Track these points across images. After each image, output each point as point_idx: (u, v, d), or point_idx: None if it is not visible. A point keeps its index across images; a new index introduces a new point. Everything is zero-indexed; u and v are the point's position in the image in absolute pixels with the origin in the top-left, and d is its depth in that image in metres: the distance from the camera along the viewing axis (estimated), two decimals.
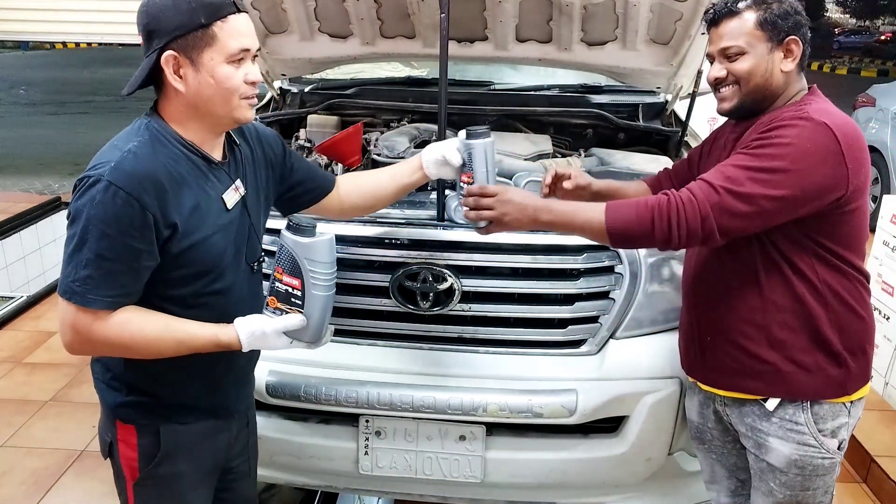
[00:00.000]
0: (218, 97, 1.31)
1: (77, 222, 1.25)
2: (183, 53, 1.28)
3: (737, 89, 1.52)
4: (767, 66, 1.49)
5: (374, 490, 2.09)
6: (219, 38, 1.28)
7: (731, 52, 1.50)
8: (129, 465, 1.46)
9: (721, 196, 1.39)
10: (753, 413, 1.60)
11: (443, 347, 1.95)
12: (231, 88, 1.31)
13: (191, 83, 1.30)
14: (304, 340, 1.42)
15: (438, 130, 1.94)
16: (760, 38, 1.48)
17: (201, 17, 1.27)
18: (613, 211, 1.46)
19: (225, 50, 1.29)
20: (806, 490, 1.59)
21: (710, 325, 1.62)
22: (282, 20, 2.71)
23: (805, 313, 1.50)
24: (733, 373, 1.59)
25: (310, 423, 1.99)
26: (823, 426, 1.54)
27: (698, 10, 2.29)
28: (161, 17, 1.27)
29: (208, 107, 1.32)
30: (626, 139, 2.79)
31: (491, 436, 1.93)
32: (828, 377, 1.52)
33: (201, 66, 1.28)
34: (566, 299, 1.92)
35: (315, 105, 2.86)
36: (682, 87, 2.68)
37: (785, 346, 1.52)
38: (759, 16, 1.47)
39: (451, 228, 1.93)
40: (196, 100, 1.31)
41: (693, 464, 2.03)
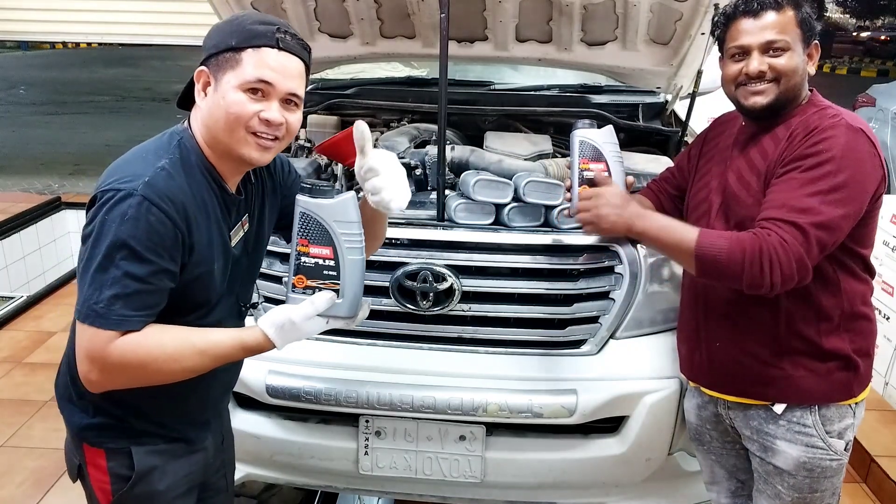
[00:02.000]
0: (223, 121, 1.26)
1: (102, 238, 1.16)
2: (212, 72, 1.27)
3: (775, 86, 1.47)
4: (803, 66, 1.47)
5: (374, 490, 2.09)
6: (243, 63, 1.25)
7: (778, 46, 1.44)
8: (101, 488, 1.38)
9: (808, 234, 1.36)
10: (759, 416, 1.59)
11: (443, 347, 1.95)
12: (236, 115, 1.25)
13: (208, 101, 1.28)
14: (342, 316, 1.26)
15: (438, 130, 1.94)
16: (799, 36, 1.45)
17: (233, 40, 1.25)
18: (705, 237, 1.43)
19: (242, 75, 1.25)
20: (814, 492, 1.58)
21: (720, 333, 1.60)
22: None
23: (821, 320, 1.49)
24: (742, 379, 1.59)
25: (310, 423, 1.99)
26: (831, 428, 1.54)
27: (698, 10, 2.29)
28: (210, 36, 1.30)
29: (216, 129, 1.28)
30: (626, 139, 2.78)
31: (491, 436, 1.93)
32: (837, 381, 1.52)
33: (219, 86, 1.26)
34: (566, 299, 1.92)
35: (315, 105, 2.86)
36: (682, 87, 2.68)
37: (798, 353, 1.52)
38: (797, 14, 1.44)
39: (451, 228, 1.93)
40: (208, 119, 1.28)
41: (693, 464, 2.03)
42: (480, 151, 2.36)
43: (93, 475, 1.39)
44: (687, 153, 1.77)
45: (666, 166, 2.37)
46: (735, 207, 1.53)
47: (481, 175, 1.98)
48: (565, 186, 1.66)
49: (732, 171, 1.56)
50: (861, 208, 1.41)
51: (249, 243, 1.44)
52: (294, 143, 2.78)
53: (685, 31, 2.43)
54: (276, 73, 1.26)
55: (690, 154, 1.75)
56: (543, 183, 1.97)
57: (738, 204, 1.52)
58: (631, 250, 1.91)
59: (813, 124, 1.44)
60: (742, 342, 1.56)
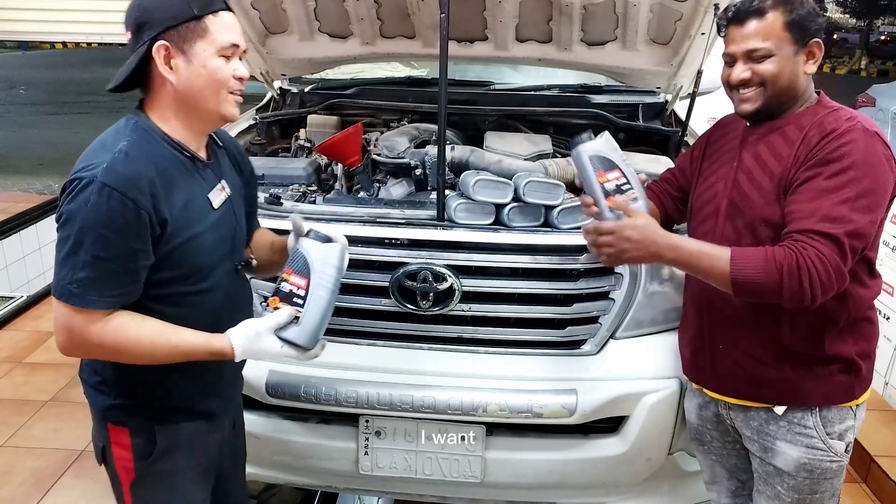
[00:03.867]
0: (209, 89, 1.32)
1: (70, 224, 1.23)
2: (175, 44, 1.29)
3: (761, 91, 1.48)
4: (793, 68, 1.45)
5: (374, 490, 2.09)
6: (211, 31, 1.30)
7: (759, 55, 1.45)
8: (124, 466, 1.44)
9: (843, 244, 1.35)
10: (760, 417, 1.59)
11: (443, 347, 1.95)
12: (221, 80, 1.32)
13: (182, 74, 1.30)
14: (298, 343, 1.37)
15: (438, 130, 1.94)
16: (787, 39, 1.44)
17: (194, 8, 1.29)
18: (738, 260, 1.40)
19: (217, 42, 1.31)
20: (814, 493, 1.58)
21: (724, 335, 1.60)
22: (282, 20, 2.71)
23: (826, 325, 1.48)
24: (744, 381, 1.58)
25: (310, 423, 1.99)
26: (831, 429, 1.54)
27: (698, 10, 2.29)
28: (154, 9, 1.29)
29: (198, 99, 1.32)
30: (626, 139, 2.79)
31: (491, 436, 1.93)
32: (839, 383, 1.52)
33: (193, 56, 1.29)
34: (566, 299, 1.92)
35: (315, 105, 2.86)
36: (682, 87, 2.68)
37: (801, 357, 1.51)
38: (786, 17, 1.43)
39: (451, 228, 1.93)
40: (187, 92, 1.31)
41: (693, 464, 2.03)
42: (480, 151, 2.36)
43: (116, 454, 1.44)
44: (689, 154, 1.76)
45: (666, 166, 2.38)
46: (744, 208, 1.52)
47: (481, 175, 1.98)
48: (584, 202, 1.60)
49: (742, 171, 1.54)
50: (883, 212, 1.41)
51: (235, 206, 1.50)
52: (294, 143, 2.79)
53: (685, 31, 2.43)
54: (237, 34, 1.35)
55: (693, 156, 1.74)
56: (543, 183, 1.97)
57: (747, 205, 1.51)
58: None
59: (829, 127, 1.42)
60: (745, 345, 1.56)
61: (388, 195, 2.34)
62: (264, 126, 2.84)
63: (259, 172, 2.38)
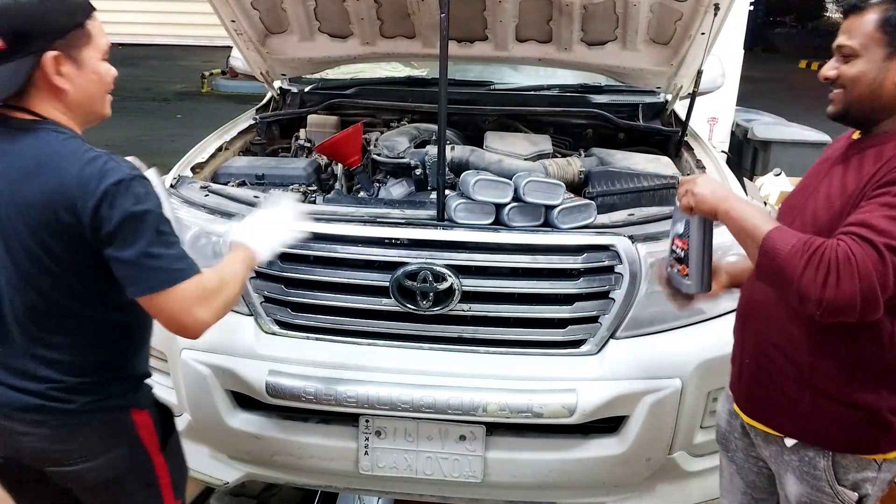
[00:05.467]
0: (99, 94, 1.37)
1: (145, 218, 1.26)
2: (65, 53, 1.29)
3: (842, 94, 1.36)
4: (877, 75, 1.29)
5: (374, 490, 2.09)
6: (94, 36, 1.33)
7: (845, 53, 1.33)
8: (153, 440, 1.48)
9: (884, 256, 1.17)
10: (777, 442, 1.50)
11: (443, 347, 1.95)
12: (109, 83, 1.38)
13: (76, 81, 1.31)
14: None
15: (438, 130, 1.94)
16: (879, 41, 1.28)
17: (80, 16, 1.31)
18: (777, 230, 1.27)
19: (100, 46, 1.35)
20: None
21: (753, 351, 1.51)
22: (282, 20, 2.71)
23: (857, 367, 1.36)
24: (762, 403, 1.51)
25: (310, 423, 1.99)
26: (845, 477, 1.41)
27: (698, 10, 2.29)
28: (38, 19, 1.27)
29: (90, 103, 1.36)
30: (627, 139, 2.79)
31: (491, 436, 1.93)
32: (859, 434, 1.39)
33: (83, 63, 1.32)
34: (566, 299, 1.92)
35: (315, 105, 2.87)
36: (682, 87, 2.68)
37: (821, 395, 1.40)
38: (882, 15, 1.27)
39: (451, 228, 1.93)
40: (81, 97, 1.33)
41: (693, 464, 2.03)
42: (480, 151, 2.37)
43: (145, 438, 1.46)
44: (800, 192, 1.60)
45: (666, 166, 2.38)
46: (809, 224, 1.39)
47: (481, 175, 1.98)
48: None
49: (823, 187, 1.42)
50: None
51: None
52: (294, 143, 2.79)
53: (685, 31, 2.43)
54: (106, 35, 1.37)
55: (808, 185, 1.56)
56: (543, 183, 1.98)
57: (814, 221, 1.39)
58: (631, 250, 1.91)
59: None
60: (769, 366, 1.46)
61: (388, 195, 2.34)
62: (264, 126, 2.84)
63: (259, 172, 2.39)
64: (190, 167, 2.37)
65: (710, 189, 1.42)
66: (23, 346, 1.35)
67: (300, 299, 1.96)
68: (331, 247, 1.93)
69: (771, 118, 6.63)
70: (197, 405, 2.01)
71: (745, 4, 5.76)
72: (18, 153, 1.29)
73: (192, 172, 2.35)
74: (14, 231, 1.28)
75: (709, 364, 1.91)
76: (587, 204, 2.01)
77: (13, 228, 1.28)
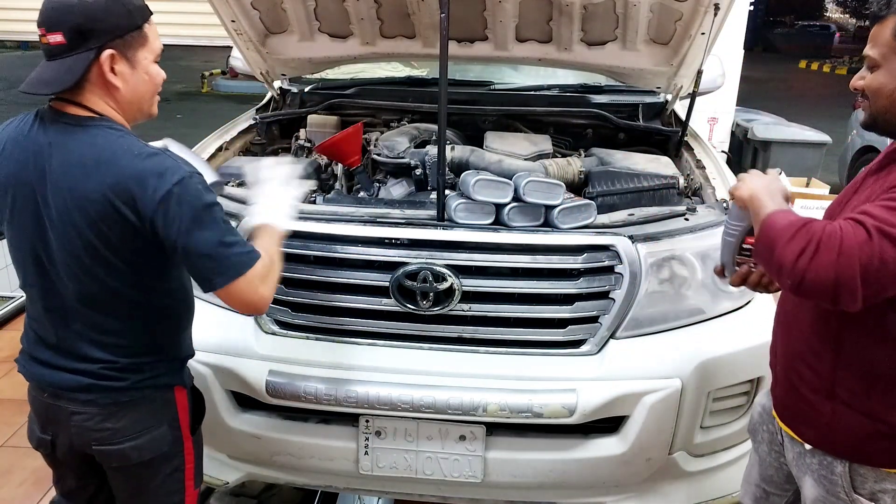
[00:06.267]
0: (149, 93, 1.45)
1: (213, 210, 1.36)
2: (120, 52, 1.37)
3: (868, 104, 1.34)
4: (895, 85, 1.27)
5: (374, 490, 2.09)
6: (150, 39, 1.42)
7: (870, 64, 1.31)
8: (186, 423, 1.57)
9: (872, 236, 1.13)
10: (800, 446, 1.50)
11: (443, 347, 1.95)
12: (159, 84, 1.46)
13: (129, 80, 1.39)
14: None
15: (438, 130, 1.94)
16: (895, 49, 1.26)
17: (139, 19, 1.39)
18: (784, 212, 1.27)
19: (154, 49, 1.43)
20: None
21: (783, 358, 1.52)
22: (282, 20, 2.71)
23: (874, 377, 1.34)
24: (790, 409, 1.51)
25: (310, 423, 1.99)
26: (862, 486, 1.40)
27: (698, 10, 2.29)
28: (101, 19, 1.34)
29: (140, 102, 1.44)
30: (627, 139, 2.79)
31: (491, 436, 1.93)
32: (877, 447, 1.38)
33: (137, 63, 1.40)
34: (566, 299, 1.92)
35: (315, 105, 2.87)
36: (682, 87, 2.68)
37: (843, 405, 1.39)
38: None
39: (451, 228, 1.93)
40: (132, 96, 1.41)
41: (693, 464, 2.03)
42: (480, 151, 2.37)
43: (182, 418, 1.56)
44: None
45: (666, 166, 2.38)
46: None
47: (481, 175, 1.98)
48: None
49: (856, 196, 1.40)
50: None
51: None
52: (294, 143, 2.79)
53: (685, 31, 2.43)
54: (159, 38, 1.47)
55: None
56: (543, 183, 1.97)
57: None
58: (631, 250, 1.91)
59: None
60: (794, 375, 1.46)
61: (388, 195, 2.34)
62: (264, 126, 2.84)
63: None
64: None
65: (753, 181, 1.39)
66: (78, 331, 1.44)
67: (300, 299, 1.96)
68: (331, 247, 1.93)
69: (771, 118, 6.63)
70: None
71: (745, 4, 5.76)
72: (75, 148, 1.35)
73: None
74: (71, 222, 1.35)
75: (709, 364, 1.92)
76: (587, 204, 2.01)
77: (70, 220, 1.35)
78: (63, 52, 1.33)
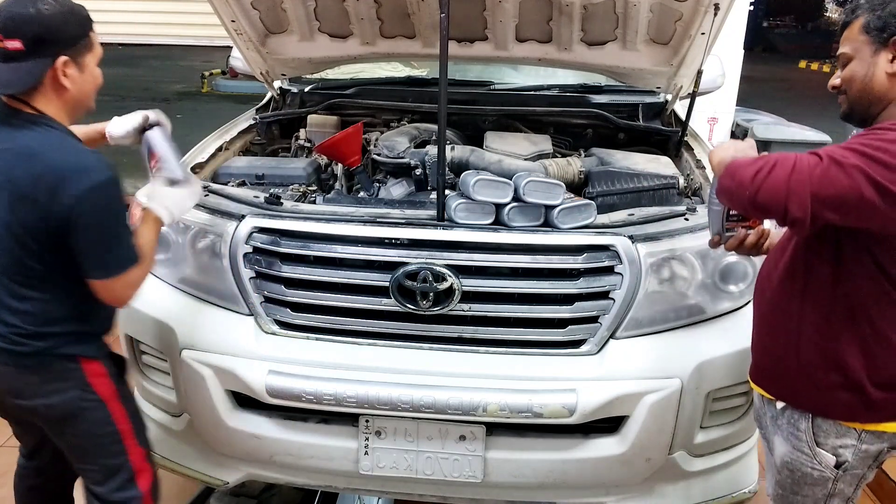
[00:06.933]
0: (93, 92, 1.66)
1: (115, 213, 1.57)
2: (72, 58, 1.56)
3: (845, 97, 1.49)
4: (867, 70, 1.44)
5: (375, 490, 2.09)
6: (94, 45, 1.63)
7: (843, 60, 1.48)
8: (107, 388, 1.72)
9: (823, 159, 1.29)
10: (773, 409, 1.62)
11: (443, 347, 1.95)
12: (100, 83, 1.66)
13: (77, 82, 1.59)
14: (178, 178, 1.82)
15: (438, 130, 1.94)
16: (865, 41, 1.44)
17: (87, 28, 1.60)
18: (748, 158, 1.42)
19: (97, 54, 1.65)
20: (795, 494, 1.60)
21: (757, 316, 1.65)
22: (282, 20, 2.71)
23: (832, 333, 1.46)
24: (762, 368, 1.64)
25: (310, 423, 1.99)
26: (824, 441, 1.52)
27: (698, 10, 2.29)
28: (57, 29, 1.52)
29: (85, 101, 1.65)
30: (626, 139, 2.79)
31: (491, 436, 1.93)
32: (837, 399, 1.49)
33: (85, 67, 1.60)
34: (566, 299, 1.92)
35: (315, 105, 2.87)
36: (682, 87, 2.68)
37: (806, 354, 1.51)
38: (863, 20, 1.44)
39: (451, 228, 1.93)
40: (79, 95, 1.61)
41: (693, 464, 2.03)
42: (480, 151, 2.37)
43: (97, 385, 1.70)
44: None
45: (666, 166, 2.38)
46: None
47: (481, 175, 1.98)
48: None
49: None
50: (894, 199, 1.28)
51: None
52: (294, 143, 2.79)
53: (685, 31, 2.43)
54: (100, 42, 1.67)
55: None
56: (543, 183, 1.97)
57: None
58: (631, 250, 1.91)
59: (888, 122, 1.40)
60: (766, 328, 1.60)
61: (388, 195, 2.34)
62: (264, 126, 2.84)
63: (259, 172, 2.39)
64: (190, 167, 2.37)
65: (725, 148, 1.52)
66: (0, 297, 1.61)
67: (300, 299, 1.96)
68: (331, 247, 1.93)
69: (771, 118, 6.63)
70: (197, 405, 2.02)
71: (745, 4, 5.76)
72: (20, 140, 1.54)
73: (193, 172, 2.35)
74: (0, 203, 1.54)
75: (708, 364, 1.92)
76: (587, 204, 2.01)
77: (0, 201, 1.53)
78: (20, 58, 1.50)
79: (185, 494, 2.52)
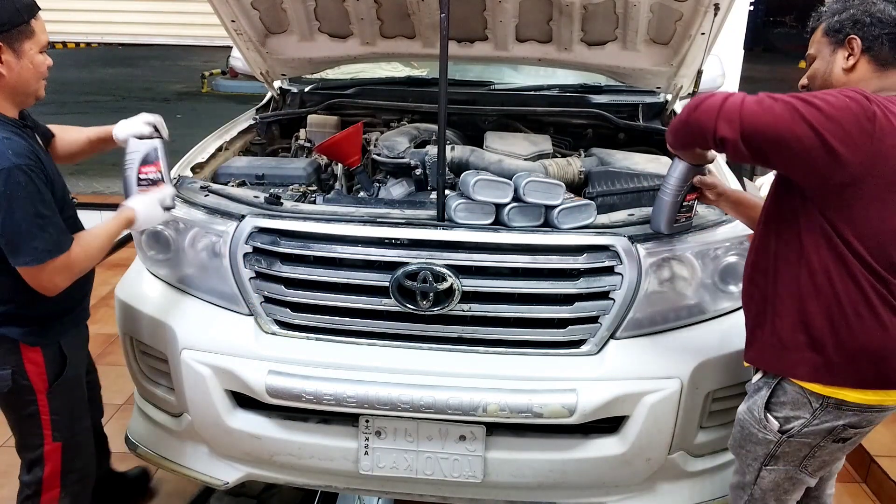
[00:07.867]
0: (34, 80, 1.70)
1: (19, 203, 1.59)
2: (7, 44, 1.61)
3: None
4: (827, 67, 1.62)
5: (375, 490, 2.09)
6: (36, 32, 1.66)
7: (809, 61, 1.66)
8: (40, 378, 1.80)
9: (759, 95, 1.44)
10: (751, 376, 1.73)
11: (443, 347, 1.95)
12: (43, 72, 1.71)
13: (14, 69, 1.64)
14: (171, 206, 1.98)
15: (438, 130, 1.94)
16: (825, 43, 1.62)
17: (25, 15, 1.63)
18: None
19: (40, 42, 1.68)
20: (740, 448, 1.72)
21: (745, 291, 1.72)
22: (282, 20, 2.71)
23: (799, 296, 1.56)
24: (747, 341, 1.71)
25: (310, 423, 1.99)
26: (777, 409, 1.62)
27: (698, 10, 2.29)
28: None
29: (25, 87, 1.70)
30: (626, 139, 2.79)
31: (491, 436, 1.93)
32: (801, 359, 1.57)
33: (23, 54, 1.65)
34: (566, 299, 1.92)
35: (315, 105, 2.87)
36: (682, 87, 2.68)
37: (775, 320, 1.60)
38: (826, 24, 1.62)
39: (451, 228, 1.93)
40: (17, 82, 1.67)
41: (693, 464, 2.03)
42: (480, 151, 2.37)
43: (30, 371, 1.78)
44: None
45: (666, 166, 2.38)
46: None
47: (481, 175, 1.98)
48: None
49: None
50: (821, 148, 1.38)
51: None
52: (294, 143, 2.79)
53: (685, 31, 2.43)
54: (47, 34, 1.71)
55: None
56: (543, 183, 1.97)
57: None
58: (631, 250, 1.91)
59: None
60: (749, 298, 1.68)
61: (388, 195, 2.34)
62: (264, 126, 2.84)
63: (259, 172, 2.39)
64: (190, 167, 2.37)
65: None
66: None
67: (300, 299, 1.96)
68: (331, 247, 1.93)
69: None
70: (197, 405, 2.02)
71: (745, 4, 5.76)
72: None
73: (192, 172, 2.35)
74: None
75: (709, 364, 1.92)
76: (587, 204, 2.01)
77: None
78: None
79: (185, 494, 2.52)
